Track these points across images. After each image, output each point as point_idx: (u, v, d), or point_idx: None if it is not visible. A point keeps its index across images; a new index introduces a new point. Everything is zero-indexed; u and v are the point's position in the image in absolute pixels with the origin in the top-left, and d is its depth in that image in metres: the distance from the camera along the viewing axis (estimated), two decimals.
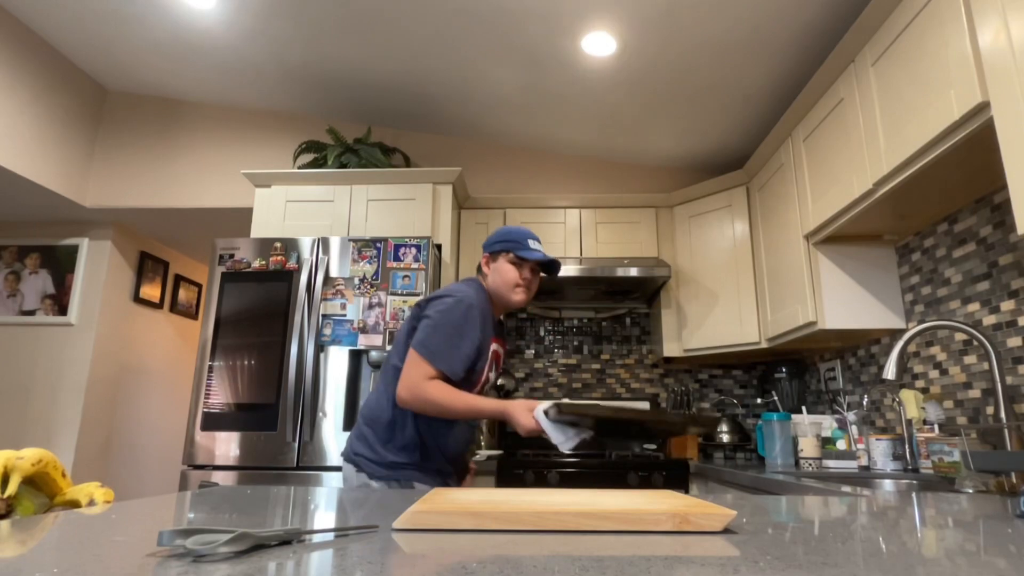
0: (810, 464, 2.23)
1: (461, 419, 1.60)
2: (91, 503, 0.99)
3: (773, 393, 3.01)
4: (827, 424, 2.38)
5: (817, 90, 2.23)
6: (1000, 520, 0.74)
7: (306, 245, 2.62)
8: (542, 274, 1.80)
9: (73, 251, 3.67)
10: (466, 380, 1.61)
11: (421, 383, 1.52)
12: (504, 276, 1.71)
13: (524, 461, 2.57)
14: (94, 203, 3.42)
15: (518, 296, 1.71)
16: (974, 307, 1.92)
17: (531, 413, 1.41)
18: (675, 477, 2.55)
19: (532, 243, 1.73)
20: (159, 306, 4.18)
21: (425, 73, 2.94)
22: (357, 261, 2.58)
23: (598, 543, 0.56)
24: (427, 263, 2.56)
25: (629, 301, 3.33)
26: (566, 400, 1.16)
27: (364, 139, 3.22)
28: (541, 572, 0.45)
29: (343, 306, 2.53)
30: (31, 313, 3.60)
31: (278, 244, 2.62)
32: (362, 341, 2.48)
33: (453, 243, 3.01)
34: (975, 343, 1.91)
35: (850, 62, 2.02)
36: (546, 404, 1.28)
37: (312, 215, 2.92)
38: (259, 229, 2.91)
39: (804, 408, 2.46)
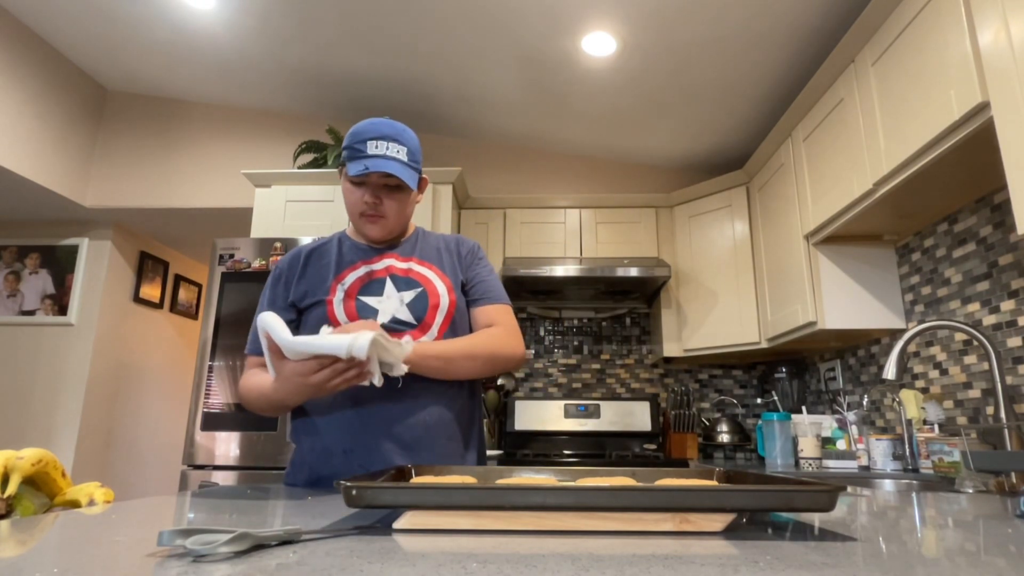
0: (810, 464, 2.23)
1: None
2: (91, 503, 0.99)
3: (773, 393, 3.00)
4: (827, 424, 2.38)
5: (817, 90, 2.23)
6: (1000, 520, 0.74)
7: None
8: (409, 188, 1.15)
9: (73, 251, 3.67)
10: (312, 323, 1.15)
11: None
12: (346, 202, 1.19)
13: (524, 461, 2.57)
14: (94, 203, 3.42)
15: (367, 230, 1.18)
16: (974, 307, 1.92)
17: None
18: None
19: (374, 145, 1.10)
20: (159, 306, 4.18)
21: (425, 73, 2.94)
22: None
23: (598, 543, 0.56)
24: None
25: (629, 301, 3.33)
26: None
27: None
28: (541, 572, 0.45)
29: None
30: (31, 313, 3.60)
31: (278, 244, 2.62)
32: None
33: None
34: (975, 343, 1.91)
35: (850, 62, 2.02)
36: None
37: (312, 215, 2.92)
38: (259, 229, 2.91)
39: (804, 408, 2.46)
